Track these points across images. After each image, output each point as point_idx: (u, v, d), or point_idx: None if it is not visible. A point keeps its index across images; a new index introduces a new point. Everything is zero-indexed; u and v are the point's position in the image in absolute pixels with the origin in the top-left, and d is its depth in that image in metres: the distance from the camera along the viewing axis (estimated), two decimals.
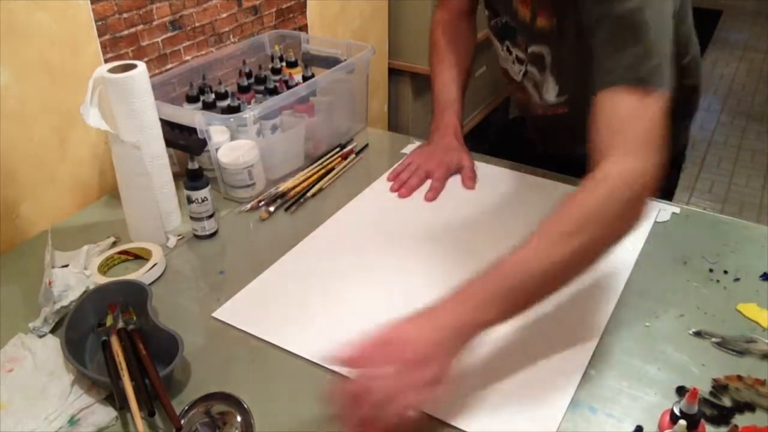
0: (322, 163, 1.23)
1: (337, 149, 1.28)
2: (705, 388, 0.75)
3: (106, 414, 0.74)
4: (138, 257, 1.00)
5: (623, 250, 0.97)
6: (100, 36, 1.13)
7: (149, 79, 0.97)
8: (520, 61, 1.09)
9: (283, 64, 1.35)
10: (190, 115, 1.09)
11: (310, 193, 1.15)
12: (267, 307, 0.89)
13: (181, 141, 1.11)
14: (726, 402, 0.73)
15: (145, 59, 1.22)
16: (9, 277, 0.97)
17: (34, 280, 0.90)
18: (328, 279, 0.94)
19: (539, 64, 1.05)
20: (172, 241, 1.03)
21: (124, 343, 0.79)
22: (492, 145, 1.41)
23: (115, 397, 0.73)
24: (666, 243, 0.99)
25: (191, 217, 1.03)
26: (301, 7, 1.61)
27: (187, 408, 0.73)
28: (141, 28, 1.21)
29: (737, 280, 0.92)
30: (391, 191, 1.15)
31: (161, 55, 1.27)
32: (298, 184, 1.16)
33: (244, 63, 1.34)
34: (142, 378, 0.74)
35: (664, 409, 0.70)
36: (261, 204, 1.12)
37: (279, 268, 0.97)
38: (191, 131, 1.10)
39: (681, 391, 0.74)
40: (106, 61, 1.15)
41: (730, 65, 4.00)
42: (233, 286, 0.93)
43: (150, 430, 0.71)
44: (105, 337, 0.81)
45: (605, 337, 0.82)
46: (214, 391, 0.75)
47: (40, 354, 0.81)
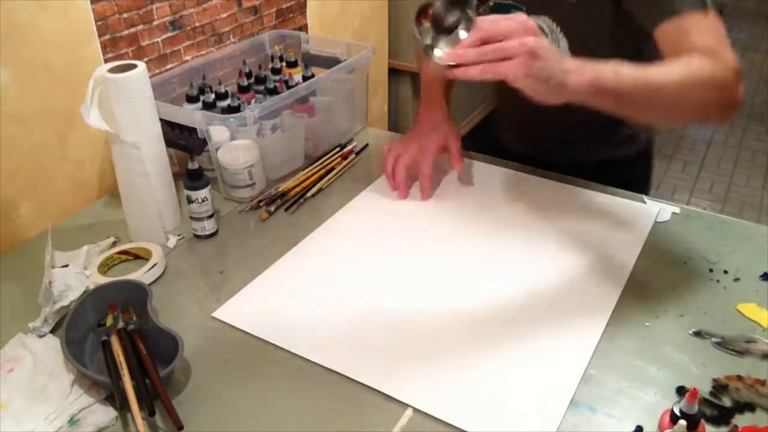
0: (322, 163, 1.23)
1: (337, 149, 1.28)
2: (705, 388, 0.75)
3: (106, 414, 0.74)
4: (138, 257, 1.00)
5: (623, 250, 0.97)
6: (100, 36, 1.13)
7: (149, 79, 0.97)
8: None
9: (283, 64, 1.35)
10: (190, 115, 1.09)
11: (310, 193, 1.15)
12: (267, 307, 0.89)
13: (181, 141, 1.11)
14: (726, 402, 0.73)
15: (145, 59, 1.22)
16: (9, 277, 0.97)
17: (34, 280, 0.90)
18: (328, 279, 0.94)
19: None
20: (172, 241, 1.03)
21: (125, 343, 0.79)
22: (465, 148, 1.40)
23: (115, 397, 0.73)
24: (666, 243, 0.99)
25: (191, 217, 1.03)
26: (301, 7, 1.61)
27: None
28: (141, 28, 1.21)
29: (737, 280, 0.92)
30: (392, 190, 1.15)
31: (161, 55, 1.27)
32: (298, 184, 1.16)
33: (244, 63, 1.34)
34: (142, 378, 0.74)
35: (664, 409, 0.70)
36: (261, 204, 1.12)
37: (279, 268, 0.97)
38: (191, 131, 1.10)
39: (681, 391, 0.74)
40: (106, 61, 1.15)
41: None
42: (233, 286, 0.93)
43: (150, 430, 0.71)
44: (105, 337, 0.81)
45: (605, 337, 0.82)
46: (214, 391, 0.75)
47: (40, 354, 0.81)
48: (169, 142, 1.04)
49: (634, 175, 1.21)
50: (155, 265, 0.95)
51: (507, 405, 0.74)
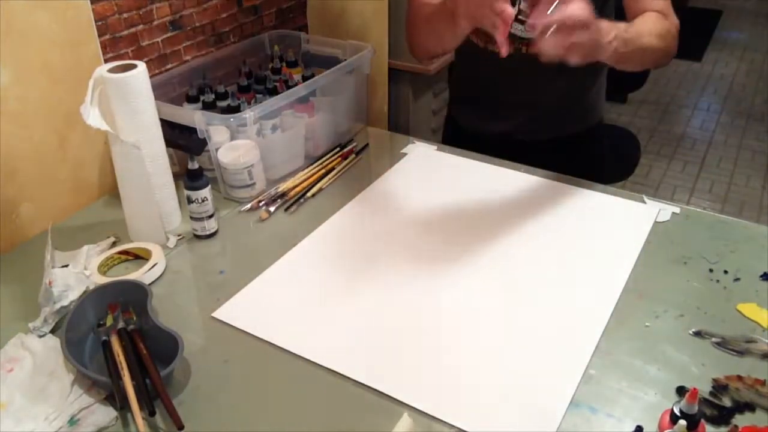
0: (322, 163, 1.23)
1: (337, 149, 1.28)
2: (705, 388, 0.75)
3: (106, 414, 0.74)
4: (138, 257, 1.00)
5: (623, 250, 0.97)
6: (100, 36, 1.12)
7: (149, 79, 0.97)
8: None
9: (283, 64, 1.35)
10: (190, 115, 1.09)
11: (310, 193, 1.15)
12: (267, 307, 0.89)
13: (181, 141, 1.11)
14: (726, 402, 0.73)
15: (145, 59, 1.22)
16: (9, 277, 0.97)
17: (34, 280, 0.90)
18: (328, 279, 0.94)
19: None
20: (172, 241, 1.03)
21: (125, 343, 0.79)
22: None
23: (115, 397, 0.73)
24: (666, 243, 0.99)
25: (191, 217, 1.03)
26: (301, 7, 1.61)
27: None
28: (141, 28, 1.21)
29: (737, 280, 0.92)
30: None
31: (161, 55, 1.27)
32: (298, 184, 1.16)
33: (244, 63, 1.34)
34: (142, 378, 0.74)
35: (664, 409, 0.70)
36: (261, 204, 1.12)
37: (279, 268, 0.97)
38: (191, 131, 1.10)
39: (681, 391, 0.74)
40: (106, 61, 1.15)
41: (730, 65, 4.00)
42: (233, 286, 0.93)
43: (150, 430, 0.71)
44: (105, 337, 0.81)
45: (605, 337, 0.82)
46: (214, 391, 0.75)
47: (40, 354, 0.81)
48: (169, 142, 1.04)
49: (589, 155, 1.26)
50: (155, 265, 0.95)
51: (507, 405, 0.74)
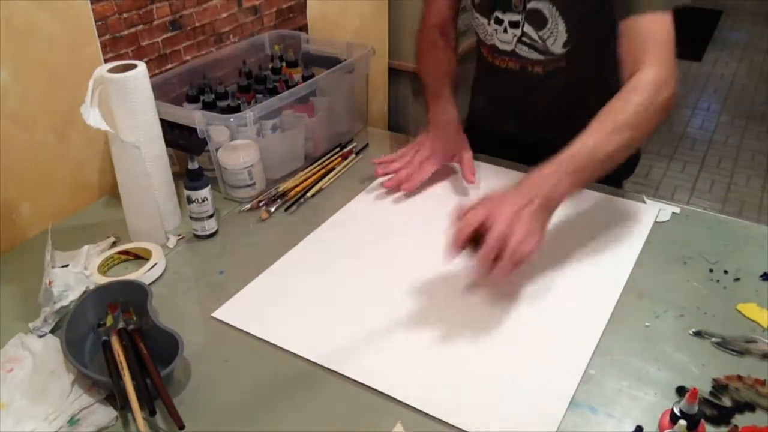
0: (322, 163, 1.23)
1: (337, 149, 1.28)
2: (705, 388, 0.75)
3: (107, 414, 0.74)
4: (138, 257, 1.00)
5: (623, 250, 0.97)
6: (100, 36, 1.12)
7: (149, 79, 0.97)
8: (515, 25, 1.09)
9: (283, 64, 1.35)
10: (190, 115, 1.09)
11: (310, 193, 1.15)
12: (267, 307, 0.89)
13: (181, 141, 1.11)
14: (726, 402, 0.73)
15: (145, 59, 1.22)
16: (9, 277, 0.97)
17: (34, 280, 0.90)
18: (328, 279, 0.94)
19: (538, 20, 1.06)
20: (172, 241, 1.03)
21: (125, 343, 0.79)
22: None
23: (115, 397, 0.73)
24: (666, 243, 0.99)
25: (191, 217, 1.03)
26: (301, 7, 1.61)
27: None
28: (141, 28, 1.21)
29: (737, 280, 0.92)
30: (376, 175, 1.15)
31: (161, 55, 1.27)
32: (298, 184, 1.16)
33: (244, 63, 1.34)
34: (143, 378, 0.74)
35: (664, 409, 0.70)
36: (261, 204, 1.12)
37: (279, 268, 0.97)
38: (191, 131, 1.10)
39: (681, 391, 0.74)
40: (106, 61, 1.14)
41: (730, 65, 4.00)
42: (233, 286, 0.93)
43: (150, 430, 0.71)
44: (105, 337, 0.81)
45: (605, 337, 0.82)
46: (214, 391, 0.75)
47: (40, 354, 0.81)
48: (169, 142, 1.04)
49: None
50: (155, 265, 0.95)
51: (507, 405, 0.74)
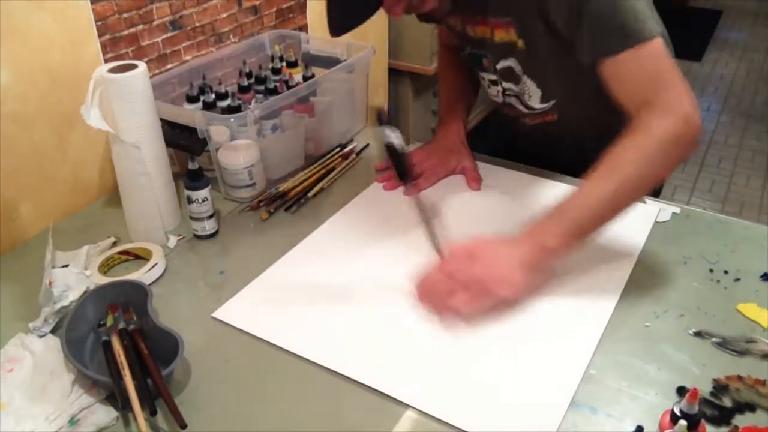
0: (322, 163, 1.23)
1: (338, 149, 1.28)
2: (705, 388, 0.75)
3: (107, 414, 0.74)
4: (138, 257, 1.00)
5: (623, 250, 0.97)
6: (100, 36, 1.13)
7: (149, 79, 0.97)
8: (494, 83, 1.10)
9: (283, 64, 1.35)
10: (190, 115, 1.09)
11: (310, 194, 1.15)
12: (267, 307, 0.89)
13: (181, 141, 1.11)
14: (726, 402, 0.73)
15: (145, 59, 1.22)
16: (9, 277, 0.97)
17: (34, 280, 0.90)
18: (328, 279, 0.94)
19: (512, 77, 1.05)
20: (172, 241, 1.03)
21: (126, 343, 0.79)
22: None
23: (117, 397, 0.73)
24: (666, 243, 0.99)
25: (191, 217, 1.03)
26: (301, 7, 1.61)
27: None
28: (141, 28, 1.21)
29: (737, 280, 0.92)
30: (377, 181, 1.16)
31: (161, 55, 1.27)
32: (299, 185, 1.16)
33: (244, 63, 1.34)
34: (143, 378, 0.74)
35: (664, 409, 0.70)
36: (261, 204, 1.12)
37: (279, 268, 0.97)
38: (191, 131, 1.10)
39: (681, 391, 0.74)
40: (106, 61, 1.15)
41: (730, 65, 4.00)
42: (233, 286, 0.93)
43: (151, 429, 0.71)
44: (106, 337, 0.81)
45: (605, 337, 0.82)
46: (214, 391, 0.75)
47: (40, 354, 0.81)
48: (169, 142, 1.04)
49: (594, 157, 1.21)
50: (155, 265, 0.95)
51: (507, 405, 0.74)
